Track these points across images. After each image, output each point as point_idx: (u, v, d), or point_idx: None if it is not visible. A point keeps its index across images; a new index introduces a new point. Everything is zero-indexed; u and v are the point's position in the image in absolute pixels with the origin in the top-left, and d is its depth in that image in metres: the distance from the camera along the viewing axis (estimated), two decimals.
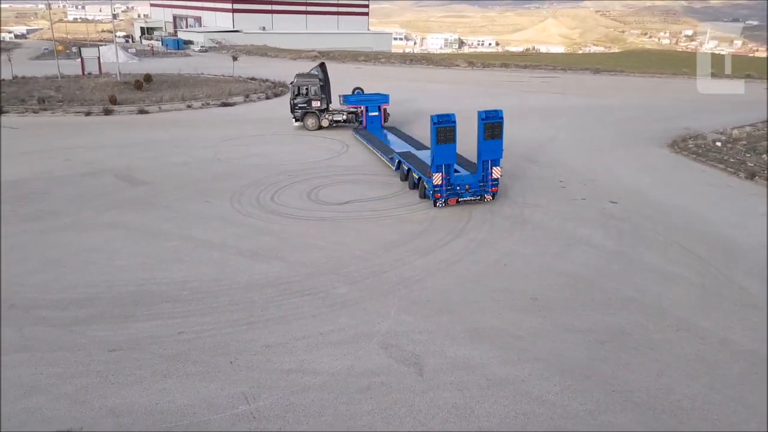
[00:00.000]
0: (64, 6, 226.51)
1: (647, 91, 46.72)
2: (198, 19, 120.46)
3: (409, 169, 19.86)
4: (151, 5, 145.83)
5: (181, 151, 25.09)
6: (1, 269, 13.23)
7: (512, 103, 38.38)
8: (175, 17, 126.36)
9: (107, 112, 34.03)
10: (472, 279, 13.04)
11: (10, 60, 53.41)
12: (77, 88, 41.89)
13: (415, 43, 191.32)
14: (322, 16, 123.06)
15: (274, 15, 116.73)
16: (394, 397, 9.01)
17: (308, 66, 57.75)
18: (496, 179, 18.19)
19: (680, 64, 62.10)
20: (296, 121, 30.11)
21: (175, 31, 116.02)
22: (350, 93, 31.21)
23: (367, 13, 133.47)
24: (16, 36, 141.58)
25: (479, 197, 18.17)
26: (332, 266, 13.70)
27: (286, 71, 56.41)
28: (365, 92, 31.46)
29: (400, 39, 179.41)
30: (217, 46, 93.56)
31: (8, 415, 8.46)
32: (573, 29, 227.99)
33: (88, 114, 33.62)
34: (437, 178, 17.56)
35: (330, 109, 30.43)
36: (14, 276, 12.93)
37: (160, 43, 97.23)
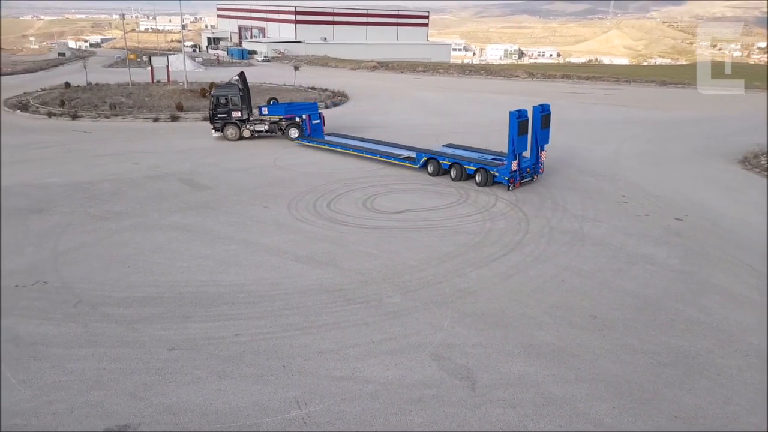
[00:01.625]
0: (136, 17, 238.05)
1: (716, 105, 44.69)
2: (262, 30, 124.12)
3: (453, 164, 22.17)
4: (218, 16, 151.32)
5: (241, 157, 25.77)
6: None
7: (573, 115, 37.54)
8: (240, 28, 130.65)
9: (174, 118, 35.41)
10: (528, 294, 12.74)
11: (85, 67, 56.50)
12: (147, 95, 43.82)
13: (474, 54, 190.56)
14: (383, 27, 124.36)
15: (335, 26, 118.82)
16: (446, 410, 8.86)
17: (367, 75, 58.15)
18: (542, 162, 21.84)
19: (753, 76, 59.17)
20: (216, 131, 29.77)
21: (240, 42, 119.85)
22: (282, 103, 31.66)
23: (426, 24, 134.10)
24: (92, 45, 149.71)
25: (531, 179, 21.47)
26: (386, 275, 13.68)
27: (345, 81, 57.32)
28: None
29: (459, 50, 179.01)
30: (279, 56, 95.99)
31: (72, 407, 8.82)
32: (638, 40, 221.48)
33: (156, 120, 35.06)
34: (515, 165, 20.41)
35: (251, 119, 29.96)
36: (83, 274, 13.55)
37: (225, 52, 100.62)
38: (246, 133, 29.72)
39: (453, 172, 22.17)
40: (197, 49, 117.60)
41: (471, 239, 15.98)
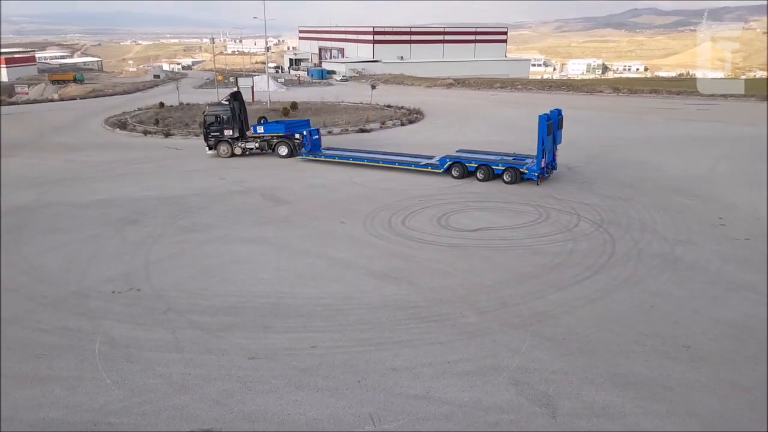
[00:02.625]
0: (224, 40, 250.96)
1: None
2: (341, 51, 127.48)
3: (480, 165, 24.03)
4: (300, 38, 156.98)
5: (319, 173, 26.39)
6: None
7: (663, 132, 35.89)
8: (320, 49, 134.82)
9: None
10: (614, 319, 12.14)
11: (178, 88, 60.04)
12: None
13: (554, 69, 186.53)
14: (459, 44, 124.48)
15: (412, 45, 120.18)
16: None
17: (443, 92, 58.19)
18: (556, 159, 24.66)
19: None
20: (210, 149, 30.47)
21: (320, 62, 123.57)
22: (281, 121, 33.41)
23: (505, 40, 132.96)
24: (184, 67, 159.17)
25: (548, 175, 24.02)
26: (461, 294, 13.49)
27: (421, 98, 57.63)
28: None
29: (539, 65, 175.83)
30: (356, 75, 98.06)
31: (160, 409, 9.23)
32: (736, 53, 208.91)
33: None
34: (543, 162, 22.96)
35: (249, 137, 30.70)
36: (172, 282, 14.25)
37: (306, 73, 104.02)
38: (237, 151, 30.49)
39: (480, 174, 23.99)
40: (280, 70, 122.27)
41: (551, 260, 15.49)
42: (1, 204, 21.41)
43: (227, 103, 30.83)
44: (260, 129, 31.01)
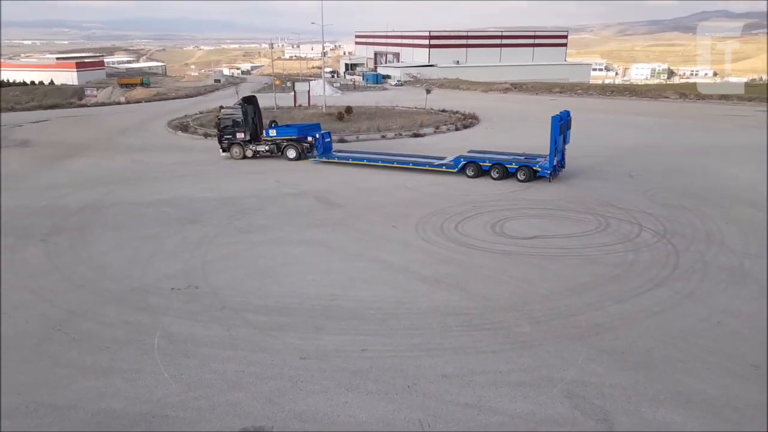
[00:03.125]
0: (282, 45, 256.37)
1: None
2: (396, 55, 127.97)
3: (494, 164, 25.16)
4: (356, 43, 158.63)
5: (372, 177, 26.51)
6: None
7: (732, 140, 34.25)
8: (376, 54, 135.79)
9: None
10: (677, 335, 11.61)
11: (237, 92, 61.65)
12: (289, 118, 46.71)
13: (616, 74, 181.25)
14: (517, 48, 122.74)
15: (468, 49, 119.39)
16: None
17: (499, 97, 57.56)
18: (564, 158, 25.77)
19: None
20: (223, 151, 31.65)
21: (375, 67, 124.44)
22: (293, 124, 34.35)
23: (565, 44, 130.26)
24: (243, 72, 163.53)
25: (558, 173, 25.10)
26: (515, 303, 13.23)
27: (476, 103, 57.16)
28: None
29: (600, 69, 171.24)
30: (411, 80, 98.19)
31: (214, 405, 9.45)
32: None
33: None
34: (555, 160, 24.28)
35: (262, 140, 31.60)
36: (228, 281, 14.60)
37: (361, 77, 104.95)
38: (248, 153, 31.42)
39: (495, 173, 25.17)
40: (335, 75, 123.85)
41: (610, 271, 14.99)
42: (41, 203, 22.54)
43: (239, 107, 31.93)
44: (273, 132, 31.74)
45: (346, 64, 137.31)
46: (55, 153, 34.08)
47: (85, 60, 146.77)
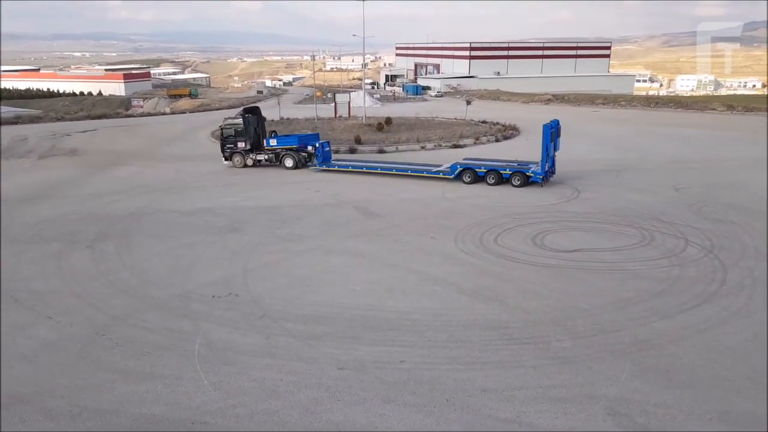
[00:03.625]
0: (323, 57, 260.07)
1: None
2: (437, 67, 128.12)
3: (489, 171, 26.66)
4: (397, 54, 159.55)
5: (411, 188, 26.49)
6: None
7: None
8: (416, 65, 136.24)
9: (352, 150, 37.66)
10: (725, 353, 11.17)
11: (279, 103, 62.80)
12: (329, 128, 47.27)
13: (661, 85, 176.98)
14: (559, 59, 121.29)
15: (509, 60, 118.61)
16: None
17: (541, 108, 56.99)
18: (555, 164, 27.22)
19: None
20: (225, 160, 32.74)
21: (415, 78, 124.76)
22: (293, 134, 35.50)
23: (608, 55, 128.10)
24: (285, 83, 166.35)
25: (549, 178, 26.61)
26: (555, 317, 12.96)
27: (517, 114, 56.63)
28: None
29: (644, 81, 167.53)
30: (451, 90, 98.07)
31: (252, 413, 9.53)
32: None
33: (336, 152, 37.50)
34: (547, 166, 25.98)
35: (265, 149, 32.45)
36: (268, 289, 14.77)
37: (401, 89, 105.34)
38: (249, 162, 32.38)
39: (490, 179, 26.53)
40: (376, 86, 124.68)
41: (655, 286, 14.55)
42: (82, 210, 23.25)
43: (241, 117, 32.97)
44: (273, 142, 32.59)
45: (387, 76, 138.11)
46: (102, 161, 35.27)
47: (132, 72, 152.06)
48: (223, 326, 12.70)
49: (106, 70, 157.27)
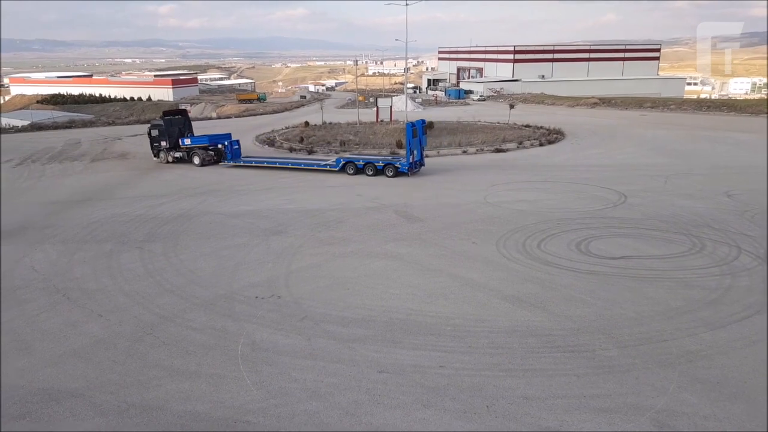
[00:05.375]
0: (366, 62, 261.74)
1: None
2: (479, 71, 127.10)
3: (366, 163, 30.74)
4: (439, 59, 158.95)
5: (452, 192, 26.35)
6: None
7: None
8: (458, 69, 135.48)
9: (393, 154, 37.70)
10: None
11: (322, 108, 63.42)
12: (371, 133, 47.48)
13: (712, 88, 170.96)
14: (606, 62, 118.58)
15: (554, 63, 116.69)
16: None
17: (586, 112, 56.04)
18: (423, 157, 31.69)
19: None
20: (155, 156, 37.32)
21: (458, 82, 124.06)
22: (205, 135, 38.15)
23: (657, 58, 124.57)
24: (327, 88, 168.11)
25: (418, 169, 30.91)
26: (601, 325, 12.67)
27: (562, 118, 55.68)
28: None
29: (695, 84, 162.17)
30: (494, 94, 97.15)
31: (293, 413, 9.66)
32: None
33: (377, 155, 37.66)
34: (411, 158, 29.92)
35: (180, 148, 36.47)
36: (309, 291, 14.95)
37: (443, 93, 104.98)
38: (170, 159, 36.56)
39: (369, 170, 30.49)
40: (417, 90, 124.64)
41: (706, 295, 14.07)
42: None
43: (162, 119, 37.62)
44: (187, 141, 36.70)
45: (429, 80, 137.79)
46: (151, 164, 36.39)
47: (180, 77, 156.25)
48: (266, 327, 12.91)
49: (155, 75, 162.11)
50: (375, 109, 61.49)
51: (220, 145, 35.87)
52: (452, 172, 31.79)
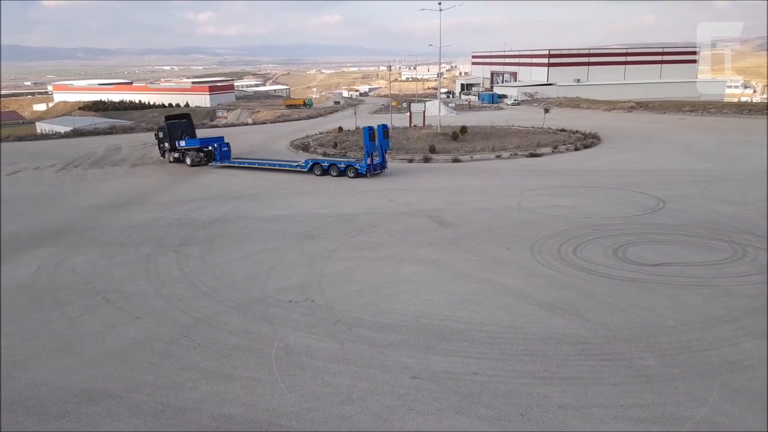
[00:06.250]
0: (399, 67, 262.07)
1: None
2: (514, 75, 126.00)
3: (330, 165, 33.33)
4: (473, 63, 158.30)
5: (486, 198, 26.17)
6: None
7: None
8: (492, 73, 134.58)
9: (426, 159, 37.72)
10: None
11: (355, 113, 63.80)
12: (404, 138, 47.51)
13: (754, 91, 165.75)
14: (643, 65, 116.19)
15: (589, 67, 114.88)
16: None
17: (623, 116, 55.26)
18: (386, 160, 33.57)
19: None
20: (162, 156, 40.95)
21: (492, 86, 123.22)
22: (198, 138, 40.82)
23: (695, 61, 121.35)
24: (361, 94, 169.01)
25: (380, 171, 32.94)
26: (638, 333, 12.40)
27: (598, 122, 54.77)
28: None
29: (735, 87, 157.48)
30: (529, 99, 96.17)
31: (326, 417, 9.72)
32: None
33: (410, 161, 37.75)
34: (369, 161, 31.98)
35: (178, 149, 39.70)
36: (342, 296, 15.04)
37: (476, 97, 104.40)
38: (171, 159, 40.09)
39: (333, 171, 32.81)
40: (451, 95, 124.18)
41: (747, 303, 13.64)
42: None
43: (165, 123, 40.99)
44: (182, 143, 39.70)
45: (462, 84, 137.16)
46: (188, 170, 37.18)
47: (217, 84, 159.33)
48: (299, 331, 13.04)
49: (193, 82, 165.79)
50: (408, 114, 61.54)
51: (210, 147, 38.65)
52: (486, 176, 31.59)
